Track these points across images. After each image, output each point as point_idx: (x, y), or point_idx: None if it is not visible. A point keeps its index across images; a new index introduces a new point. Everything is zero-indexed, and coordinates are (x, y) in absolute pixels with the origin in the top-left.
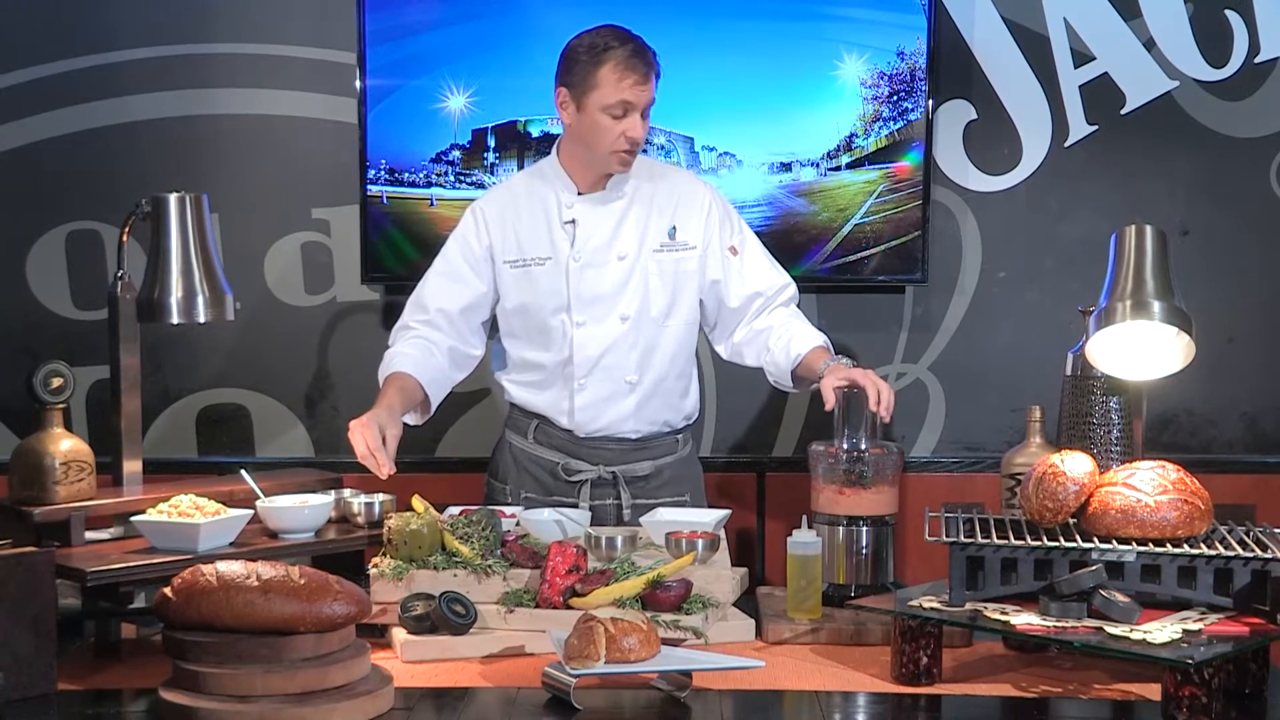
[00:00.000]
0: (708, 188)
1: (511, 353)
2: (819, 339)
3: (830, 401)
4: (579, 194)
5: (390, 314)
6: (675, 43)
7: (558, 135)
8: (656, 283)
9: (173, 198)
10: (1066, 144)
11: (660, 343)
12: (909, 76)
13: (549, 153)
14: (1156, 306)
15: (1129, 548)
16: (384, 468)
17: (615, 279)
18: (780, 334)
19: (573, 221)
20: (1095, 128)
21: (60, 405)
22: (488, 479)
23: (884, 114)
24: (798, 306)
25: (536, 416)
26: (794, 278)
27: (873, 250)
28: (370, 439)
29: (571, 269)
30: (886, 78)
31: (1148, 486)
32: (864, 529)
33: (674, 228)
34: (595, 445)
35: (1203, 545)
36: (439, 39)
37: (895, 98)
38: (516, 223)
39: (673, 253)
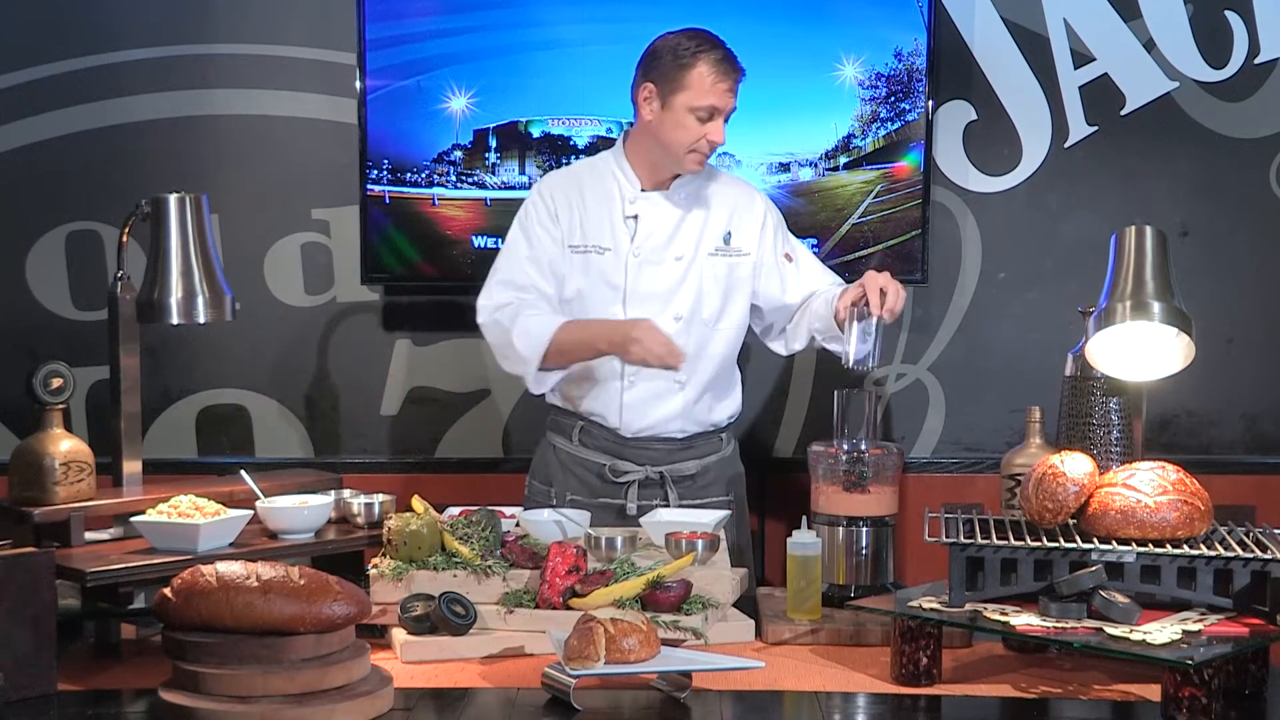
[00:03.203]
0: (762, 197)
1: None
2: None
3: (845, 302)
4: (641, 190)
5: (390, 314)
6: None
7: (558, 136)
8: (710, 285)
9: (173, 198)
10: (1066, 145)
11: (710, 345)
12: (906, 77)
13: (550, 154)
14: (1156, 307)
15: (1129, 548)
16: (682, 357)
17: (671, 278)
18: (822, 295)
19: (635, 216)
20: (1095, 128)
21: (60, 405)
22: (529, 481)
23: (881, 115)
24: None
25: (580, 418)
26: None
27: (871, 250)
28: (660, 337)
29: (631, 264)
30: (884, 79)
31: (1147, 487)
32: (864, 529)
33: (729, 233)
34: (642, 445)
35: (1202, 546)
36: (439, 41)
37: (893, 99)
38: (582, 208)
39: (727, 258)
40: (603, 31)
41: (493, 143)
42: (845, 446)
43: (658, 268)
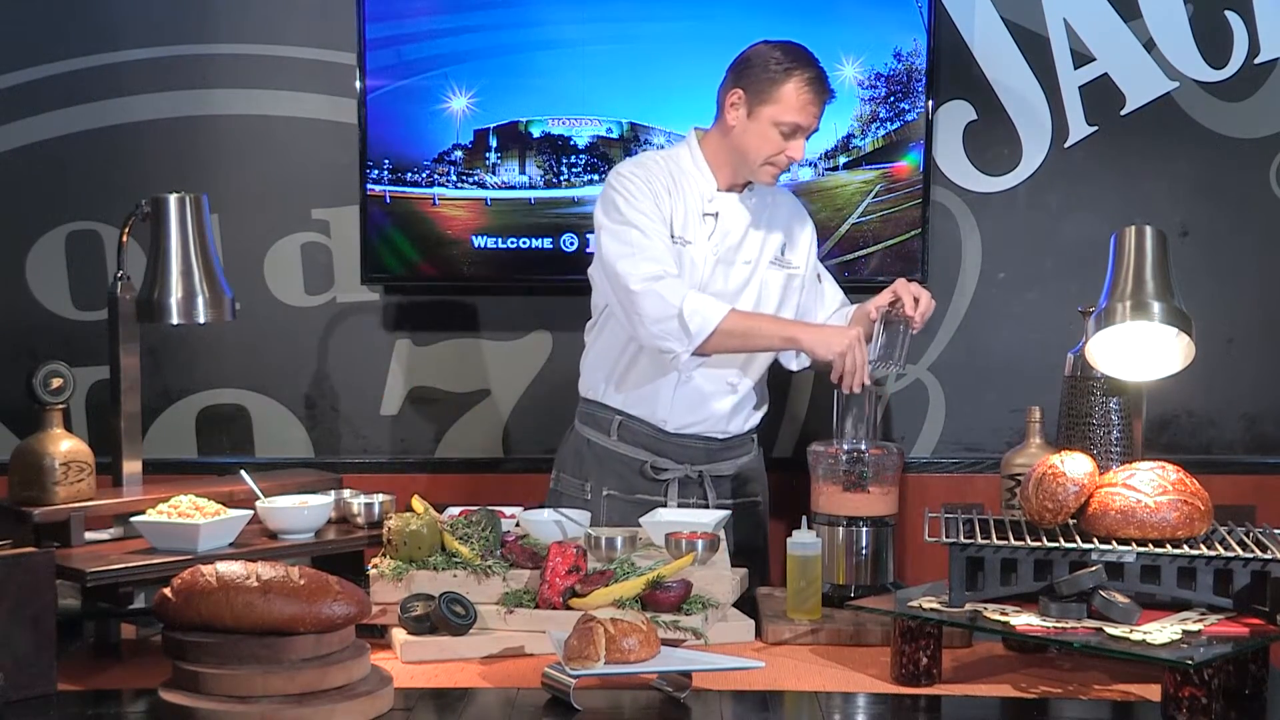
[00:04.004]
0: (808, 214)
1: (605, 330)
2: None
3: (878, 302)
4: (718, 190)
5: (390, 314)
6: (672, 42)
7: (559, 136)
8: (769, 293)
9: (173, 198)
10: (1066, 145)
11: (760, 353)
12: (905, 78)
13: (550, 154)
14: (1156, 307)
15: (1129, 548)
16: (859, 385)
17: (738, 281)
18: (831, 320)
19: (715, 214)
20: (1095, 128)
21: (60, 405)
22: (556, 474)
23: (881, 115)
24: None
25: (618, 413)
26: None
27: (871, 249)
28: (862, 356)
29: (709, 260)
30: (883, 79)
31: (1147, 487)
32: (864, 529)
33: (785, 245)
34: (682, 443)
35: (1202, 546)
36: (439, 41)
37: (892, 99)
38: (673, 197)
39: (783, 269)
40: (603, 31)
41: (493, 142)
42: (845, 446)
43: (730, 268)
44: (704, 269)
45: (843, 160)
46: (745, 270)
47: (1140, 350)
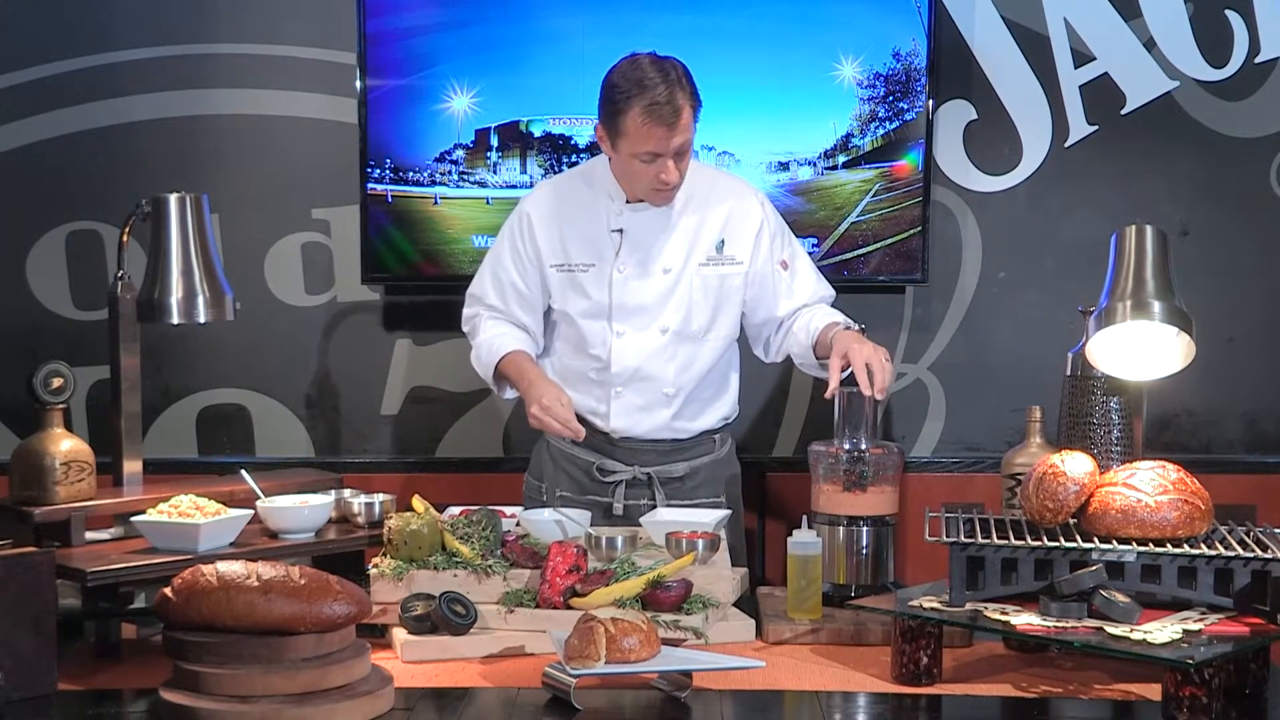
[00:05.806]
0: (760, 201)
1: (551, 352)
2: (837, 316)
3: (833, 387)
4: (627, 202)
5: (390, 314)
6: (673, 42)
7: (559, 135)
8: (699, 297)
9: (173, 198)
10: (1066, 144)
11: (699, 356)
12: (904, 77)
13: (551, 153)
14: (1156, 306)
15: (1129, 548)
16: (581, 433)
17: (658, 291)
18: (804, 318)
19: (620, 230)
20: (1095, 128)
21: (60, 405)
22: (526, 477)
23: (880, 114)
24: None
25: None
26: None
27: (870, 249)
28: (561, 414)
29: (615, 279)
30: (882, 79)
31: (1148, 487)
32: (864, 529)
33: (722, 241)
34: (631, 447)
35: (1203, 545)
36: (440, 39)
37: (891, 98)
38: (562, 227)
39: (719, 267)
40: (603, 29)
41: (494, 141)
42: (845, 446)
43: (644, 282)
44: (608, 290)
45: (842, 159)
46: (666, 280)
47: (1140, 350)
